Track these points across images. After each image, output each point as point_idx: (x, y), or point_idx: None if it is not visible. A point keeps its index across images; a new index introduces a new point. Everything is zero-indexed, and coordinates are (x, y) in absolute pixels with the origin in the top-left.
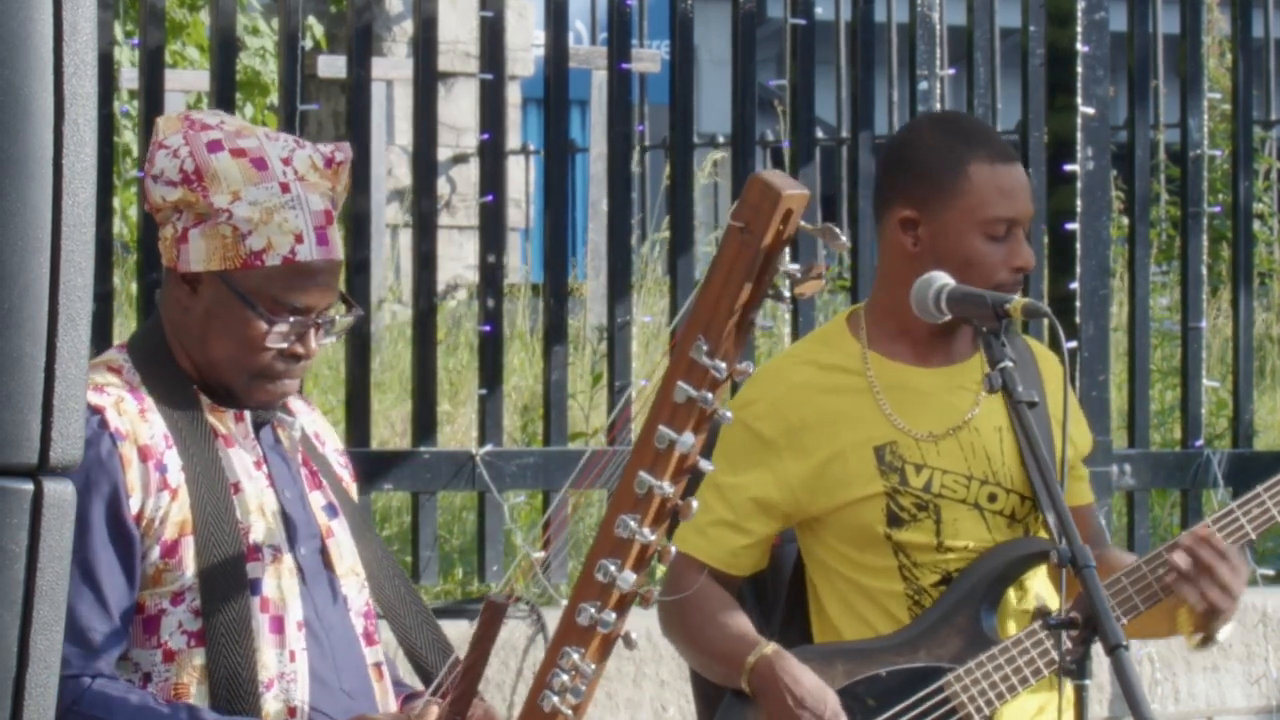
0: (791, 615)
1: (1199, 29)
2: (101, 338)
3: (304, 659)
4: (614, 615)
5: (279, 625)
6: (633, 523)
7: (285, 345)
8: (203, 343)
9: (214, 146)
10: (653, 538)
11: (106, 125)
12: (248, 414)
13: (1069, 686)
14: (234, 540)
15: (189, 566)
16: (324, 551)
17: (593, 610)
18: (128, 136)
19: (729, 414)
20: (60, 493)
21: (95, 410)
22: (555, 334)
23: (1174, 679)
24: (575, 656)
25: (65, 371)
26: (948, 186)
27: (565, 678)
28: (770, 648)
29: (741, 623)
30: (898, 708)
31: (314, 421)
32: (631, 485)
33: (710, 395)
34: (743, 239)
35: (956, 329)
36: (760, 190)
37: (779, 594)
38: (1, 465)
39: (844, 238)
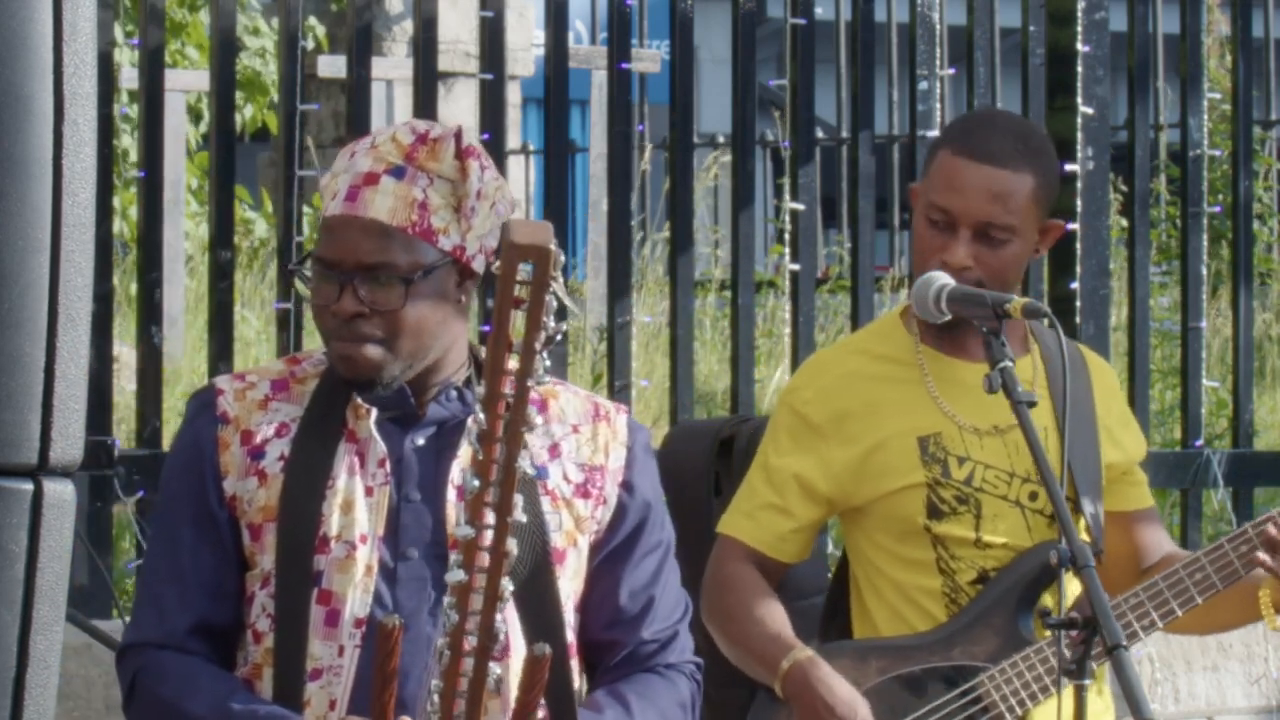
0: (834, 610)
1: (1199, 29)
2: (102, 338)
3: (354, 656)
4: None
5: (334, 619)
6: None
7: (325, 303)
8: None
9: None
10: (462, 577)
11: (106, 125)
12: (373, 411)
13: (1093, 688)
14: (307, 530)
15: (269, 552)
16: (443, 559)
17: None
18: (126, 139)
19: (531, 469)
20: (60, 493)
21: (218, 392)
22: None
23: (1174, 679)
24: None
25: (65, 371)
26: (926, 165)
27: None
28: (805, 653)
29: (779, 621)
30: (931, 705)
31: (557, 436)
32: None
33: (478, 441)
34: (501, 285)
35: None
36: (503, 237)
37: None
38: (1, 465)
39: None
